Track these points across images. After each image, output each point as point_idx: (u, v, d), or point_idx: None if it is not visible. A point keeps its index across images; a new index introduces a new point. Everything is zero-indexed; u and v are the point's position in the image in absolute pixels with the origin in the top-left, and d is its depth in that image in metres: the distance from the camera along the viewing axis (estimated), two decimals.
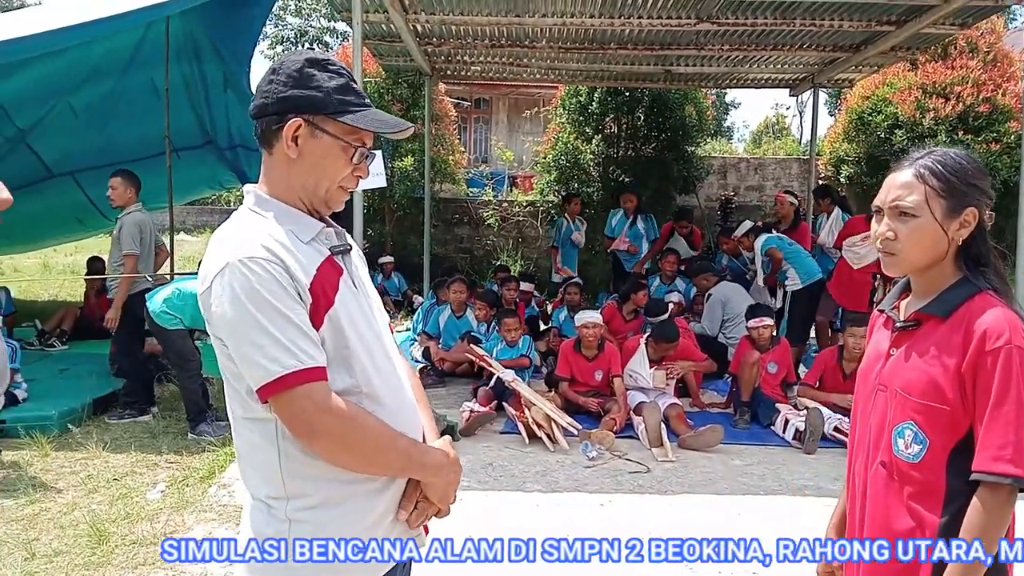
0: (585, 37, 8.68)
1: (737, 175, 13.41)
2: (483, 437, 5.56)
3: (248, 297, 1.43)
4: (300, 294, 1.47)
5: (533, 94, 18.81)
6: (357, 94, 1.59)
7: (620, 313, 7.69)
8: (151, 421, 5.95)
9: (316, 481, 1.53)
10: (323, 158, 1.57)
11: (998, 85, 10.61)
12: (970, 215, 1.64)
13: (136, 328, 6.03)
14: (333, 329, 1.52)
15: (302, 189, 1.59)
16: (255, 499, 1.58)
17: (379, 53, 9.68)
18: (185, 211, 19.87)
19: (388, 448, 1.54)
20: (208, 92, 8.03)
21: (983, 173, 1.68)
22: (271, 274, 1.44)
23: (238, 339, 1.45)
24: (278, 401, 1.44)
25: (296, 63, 1.57)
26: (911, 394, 1.64)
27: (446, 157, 12.52)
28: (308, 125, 1.54)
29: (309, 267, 1.51)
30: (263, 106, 1.57)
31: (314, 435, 1.46)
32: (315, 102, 1.54)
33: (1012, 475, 1.50)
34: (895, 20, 7.60)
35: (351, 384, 1.54)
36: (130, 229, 5.90)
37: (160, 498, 4.43)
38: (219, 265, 1.47)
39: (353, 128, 1.57)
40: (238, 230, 1.53)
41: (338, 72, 1.59)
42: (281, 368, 1.42)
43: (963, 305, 1.62)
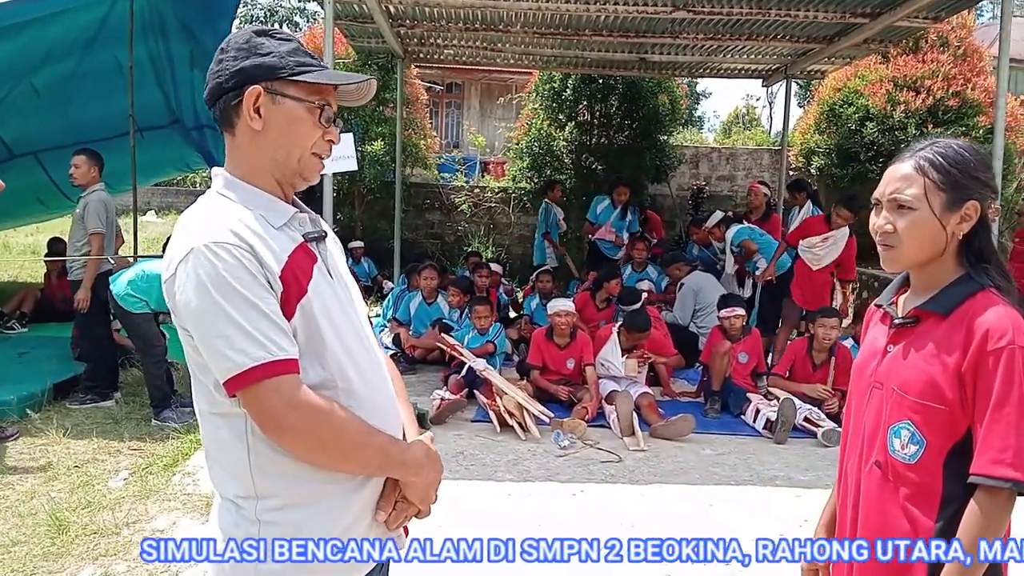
0: (560, 23, 8.61)
1: (709, 165, 13.43)
2: (454, 425, 5.51)
3: (214, 285, 1.34)
4: (270, 282, 1.39)
5: (506, 79, 18.68)
6: (310, 55, 1.53)
7: (593, 301, 7.66)
8: (114, 407, 5.81)
9: (287, 480, 1.45)
10: (289, 124, 1.49)
11: (968, 79, 10.71)
12: (971, 209, 1.59)
13: (100, 310, 5.88)
14: (306, 319, 1.44)
15: (273, 164, 1.51)
16: (223, 498, 1.50)
17: (351, 34, 9.53)
18: (150, 192, 19.46)
19: (364, 445, 1.46)
20: (174, 71, 7.84)
21: (986, 166, 1.63)
22: (239, 260, 1.36)
23: (204, 329, 1.36)
24: (246, 395, 1.36)
25: (242, 36, 1.51)
26: (908, 393, 1.59)
27: (417, 141, 12.38)
28: (267, 93, 1.47)
29: (280, 254, 1.43)
30: (217, 86, 1.49)
31: (283, 431, 1.38)
32: (271, 67, 1.47)
33: (1012, 479, 1.46)
34: (869, 12, 7.62)
35: (325, 377, 1.46)
36: (95, 207, 5.75)
37: (122, 486, 4.32)
38: (184, 251, 1.38)
39: (315, 88, 1.50)
40: (204, 214, 1.45)
41: (287, 38, 1.53)
42: (249, 360, 1.33)
43: (964, 303, 1.57)
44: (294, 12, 34.65)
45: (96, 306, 5.84)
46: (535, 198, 12.59)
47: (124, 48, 6.72)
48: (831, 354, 6.01)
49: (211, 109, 1.53)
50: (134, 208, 7.69)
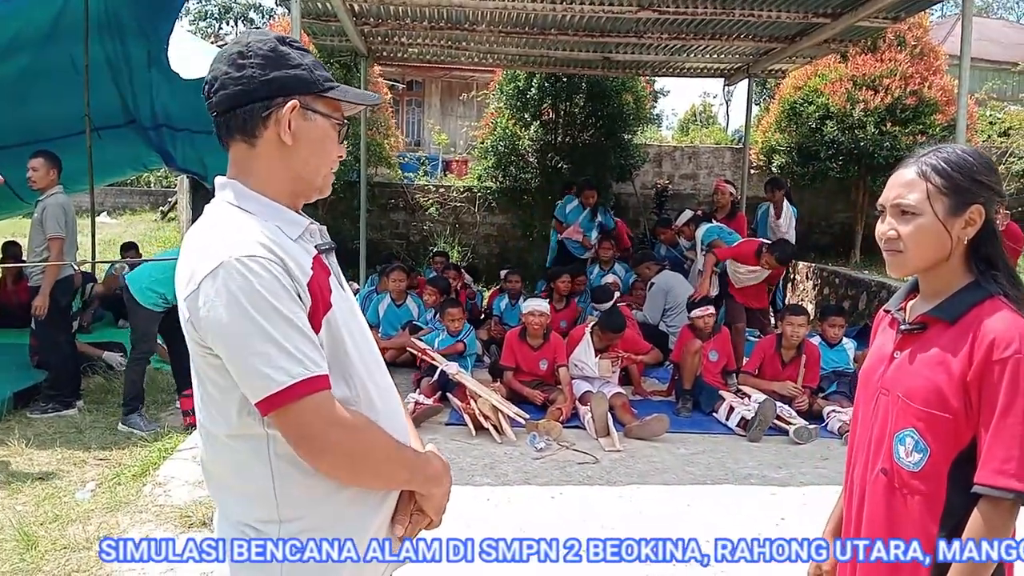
0: (525, 22, 8.58)
1: (672, 163, 13.52)
2: (428, 429, 5.45)
3: (249, 300, 1.28)
4: (300, 295, 1.35)
5: (467, 77, 18.62)
6: (326, 69, 1.52)
7: (551, 303, 7.66)
8: (77, 415, 5.67)
9: (313, 501, 1.41)
10: (319, 141, 1.47)
11: (925, 78, 10.90)
12: (975, 213, 1.58)
13: (61, 316, 5.72)
14: (331, 333, 1.41)
15: (296, 179, 1.47)
16: (238, 523, 1.44)
17: (313, 32, 9.38)
18: (104, 192, 19.09)
19: (395, 460, 1.45)
20: (131, 70, 7.66)
21: (991, 170, 1.62)
22: (272, 274, 1.31)
23: (236, 347, 1.30)
24: (283, 414, 1.30)
25: (266, 42, 1.45)
26: (913, 400, 1.59)
27: (381, 141, 12.27)
28: (301, 107, 1.44)
29: (304, 266, 1.39)
30: (242, 93, 1.41)
31: (322, 449, 1.34)
32: (305, 81, 1.45)
33: (1015, 490, 1.46)
34: (831, 12, 7.71)
35: (349, 394, 1.43)
36: (54, 211, 5.59)
37: (90, 498, 4.20)
38: (211, 264, 1.31)
39: (336, 104, 1.50)
40: (226, 227, 1.38)
41: (304, 49, 1.50)
42: (288, 378, 1.28)
43: (972, 310, 1.56)
44: (249, 8, 34.17)
45: (56, 312, 5.68)
46: (501, 197, 12.59)
47: (79, 46, 6.55)
48: (799, 351, 6.08)
49: (222, 114, 1.44)
50: (91, 210, 7.51)
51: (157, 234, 16.01)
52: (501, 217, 12.87)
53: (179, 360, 5.71)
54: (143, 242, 12.48)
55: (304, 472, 1.38)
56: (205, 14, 33.02)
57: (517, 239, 12.72)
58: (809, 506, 4.23)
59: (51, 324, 5.68)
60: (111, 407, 5.82)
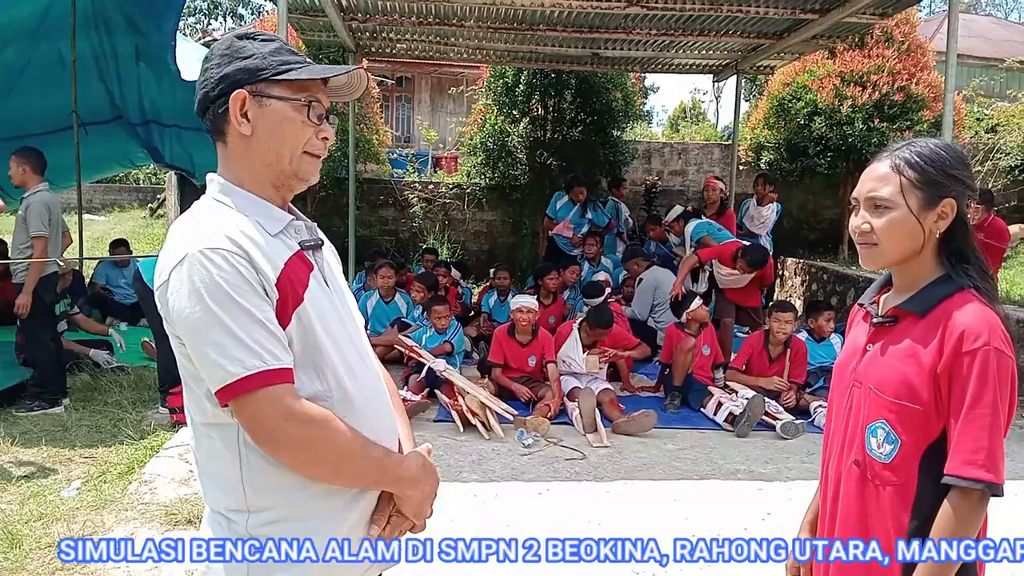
0: (514, 17, 8.56)
1: (661, 160, 13.52)
2: (416, 426, 5.45)
3: (208, 291, 1.31)
4: (266, 289, 1.36)
5: (456, 73, 18.57)
6: (294, 53, 1.50)
7: (538, 299, 7.66)
8: (63, 413, 5.63)
9: (281, 493, 1.41)
10: (278, 124, 1.46)
11: (912, 74, 10.93)
12: (947, 206, 1.59)
13: (46, 314, 5.70)
14: (302, 328, 1.41)
15: (266, 169, 1.48)
16: (214, 511, 1.46)
17: (301, 28, 9.34)
18: (93, 189, 19.00)
19: (360, 458, 1.43)
20: (119, 65, 7.62)
21: (964, 163, 1.63)
22: (234, 267, 1.33)
23: (197, 337, 1.33)
24: (239, 405, 1.33)
25: (224, 43, 1.49)
26: (885, 392, 1.60)
27: (370, 137, 12.24)
28: (253, 96, 1.44)
29: (276, 261, 1.40)
30: (204, 96, 1.46)
31: (277, 442, 1.35)
32: (253, 69, 1.45)
33: (984, 480, 1.47)
34: (819, 8, 7.72)
35: (321, 389, 1.43)
36: (38, 209, 5.55)
37: (76, 496, 4.18)
38: (177, 256, 1.35)
39: (301, 85, 1.47)
40: (200, 219, 1.41)
41: (270, 38, 1.50)
42: (243, 369, 1.30)
43: (942, 303, 1.58)
44: (238, 4, 34.02)
45: (41, 310, 5.64)
46: (490, 194, 12.57)
47: (66, 41, 6.52)
48: (787, 347, 6.10)
49: (202, 120, 1.49)
50: (79, 206, 7.48)
51: (146, 231, 15.93)
52: (491, 213, 12.85)
53: (165, 357, 5.70)
54: (132, 239, 12.40)
55: (272, 463, 1.39)
56: (194, 10, 32.89)
57: (507, 236, 12.71)
58: (795, 501, 4.24)
59: (36, 322, 5.65)
60: (97, 405, 5.79)
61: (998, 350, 1.50)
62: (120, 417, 5.48)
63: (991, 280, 1.63)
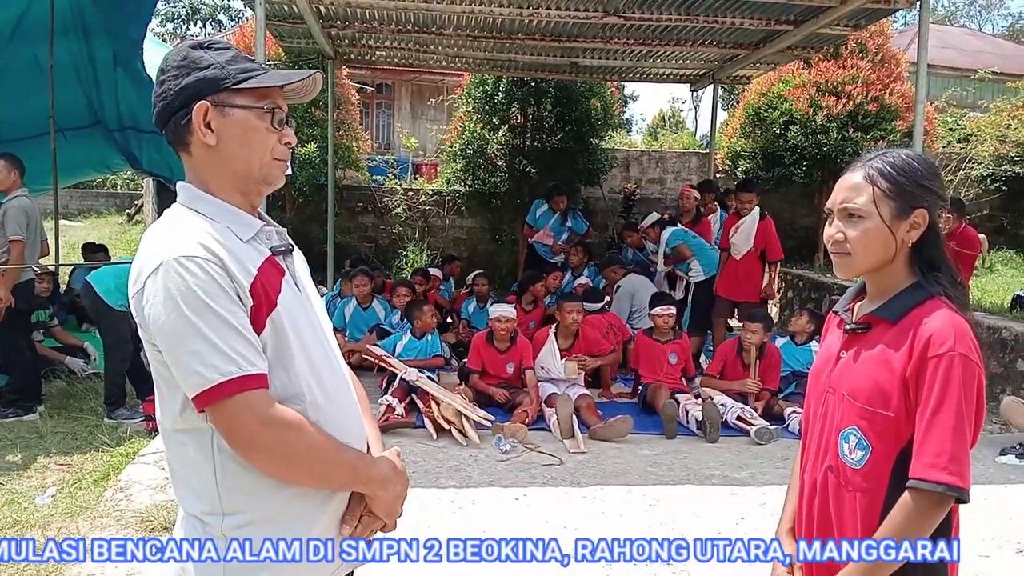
0: (493, 26, 8.62)
1: (639, 168, 13.63)
2: (396, 432, 5.45)
3: (184, 299, 1.34)
4: (240, 296, 1.39)
5: (437, 80, 18.58)
6: (251, 60, 1.52)
7: (519, 304, 7.71)
8: (38, 420, 5.60)
9: (254, 496, 1.44)
10: (244, 134, 1.48)
11: (886, 85, 11.11)
12: (920, 217, 1.62)
13: (21, 320, 5.66)
14: (276, 333, 1.44)
15: (234, 177, 1.50)
16: (189, 515, 1.48)
17: (280, 34, 9.34)
18: (69, 194, 18.84)
19: (333, 461, 1.47)
20: (97, 71, 7.60)
21: (935, 174, 1.66)
22: (209, 274, 1.35)
23: (173, 344, 1.35)
24: (215, 411, 1.35)
25: (179, 53, 1.50)
26: (857, 399, 1.63)
27: (349, 144, 12.24)
28: (215, 107, 1.46)
29: (250, 267, 1.42)
30: (164, 108, 1.48)
31: (253, 447, 1.38)
32: (213, 79, 1.46)
33: (945, 483, 1.48)
34: (793, 20, 7.83)
35: (293, 391, 1.46)
36: (16, 214, 5.54)
37: (50, 503, 4.16)
38: (153, 264, 1.37)
39: (262, 92, 1.49)
40: (173, 227, 1.43)
41: (224, 47, 1.52)
42: (219, 375, 1.33)
43: (913, 310, 1.60)
44: (217, 10, 33.87)
45: (15, 316, 5.61)
46: (470, 201, 12.61)
47: (44, 46, 6.50)
48: (761, 354, 6.16)
49: (162, 132, 1.51)
50: (55, 211, 7.44)
51: (123, 237, 15.82)
52: (470, 221, 12.90)
53: (139, 365, 5.69)
54: (108, 245, 12.31)
55: (245, 467, 1.42)
56: (172, 16, 32.70)
57: (486, 242, 12.76)
58: (768, 506, 4.30)
59: (11, 328, 5.61)
60: (73, 412, 5.77)
61: (964, 356, 1.52)
62: (96, 424, 5.47)
63: (962, 288, 1.65)
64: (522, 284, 8.13)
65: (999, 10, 50.78)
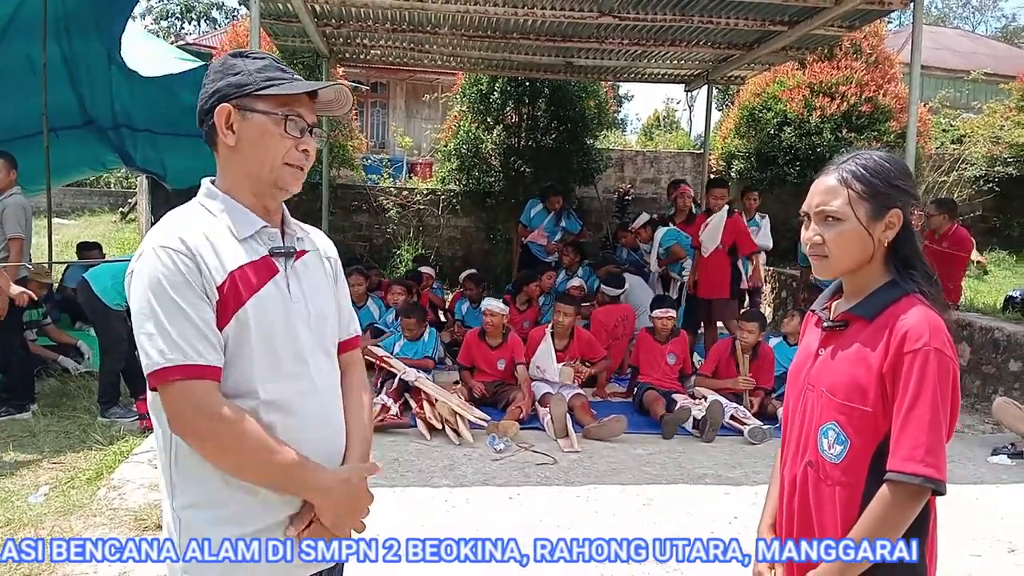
0: (488, 25, 8.62)
1: (634, 168, 13.65)
2: (390, 431, 5.45)
3: (151, 285, 1.44)
4: (207, 291, 1.46)
5: (431, 79, 18.59)
6: (282, 71, 1.59)
7: (513, 304, 7.72)
8: (31, 419, 5.57)
9: (201, 480, 1.51)
10: (260, 137, 1.55)
11: (879, 86, 11.16)
12: (894, 216, 1.65)
13: (14, 319, 5.64)
14: (240, 329, 1.50)
15: (247, 177, 1.58)
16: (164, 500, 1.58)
17: (275, 33, 9.34)
18: (62, 193, 18.77)
19: (263, 462, 1.49)
20: (90, 69, 7.56)
21: (907, 174, 1.69)
22: (177, 266, 1.44)
23: (136, 324, 1.46)
24: (162, 393, 1.45)
25: (220, 61, 1.61)
26: (835, 395, 1.65)
27: (344, 142, 12.23)
28: (237, 110, 1.54)
29: (229, 264, 1.50)
30: (200, 109, 1.59)
31: (187, 432, 1.46)
32: (239, 85, 1.56)
33: (922, 475, 1.51)
34: (787, 21, 7.86)
35: (246, 389, 1.51)
36: (14, 211, 5.56)
37: (43, 502, 4.15)
38: (141, 249, 1.50)
39: (282, 100, 1.56)
40: (172, 219, 1.55)
41: (260, 57, 1.61)
42: (162, 360, 1.42)
43: (889, 307, 1.63)
44: (211, 8, 33.82)
45: (9, 315, 5.59)
46: (464, 200, 12.61)
47: (36, 46, 6.46)
48: (755, 354, 6.18)
49: (202, 131, 1.61)
50: (48, 210, 7.39)
51: (116, 235, 15.76)
52: (465, 220, 12.90)
53: (134, 363, 5.67)
54: (102, 243, 12.28)
55: (192, 450, 1.49)
56: (167, 13, 32.65)
57: (480, 242, 12.76)
58: (761, 505, 4.27)
59: (4, 326, 5.59)
60: (66, 410, 5.75)
61: (939, 351, 1.55)
62: (89, 423, 5.45)
63: (937, 285, 1.68)
64: (516, 284, 8.14)
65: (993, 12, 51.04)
